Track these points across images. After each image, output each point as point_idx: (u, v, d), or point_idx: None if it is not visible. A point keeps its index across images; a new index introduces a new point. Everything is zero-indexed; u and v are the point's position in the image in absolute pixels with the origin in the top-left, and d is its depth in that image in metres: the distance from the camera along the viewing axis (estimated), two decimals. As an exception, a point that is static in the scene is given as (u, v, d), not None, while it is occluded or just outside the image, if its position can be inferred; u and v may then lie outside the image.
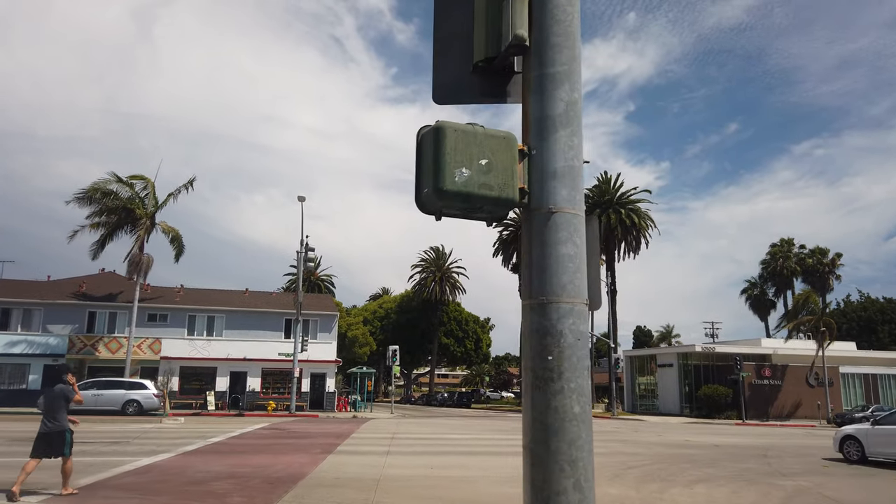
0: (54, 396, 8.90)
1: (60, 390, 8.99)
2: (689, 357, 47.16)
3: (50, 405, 8.86)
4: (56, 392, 8.93)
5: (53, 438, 8.83)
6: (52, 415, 8.83)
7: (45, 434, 8.84)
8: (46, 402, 8.93)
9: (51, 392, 8.98)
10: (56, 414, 8.84)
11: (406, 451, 15.69)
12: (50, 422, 8.83)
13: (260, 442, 17.09)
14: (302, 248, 34.53)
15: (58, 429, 8.84)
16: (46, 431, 8.84)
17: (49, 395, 8.95)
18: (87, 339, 36.62)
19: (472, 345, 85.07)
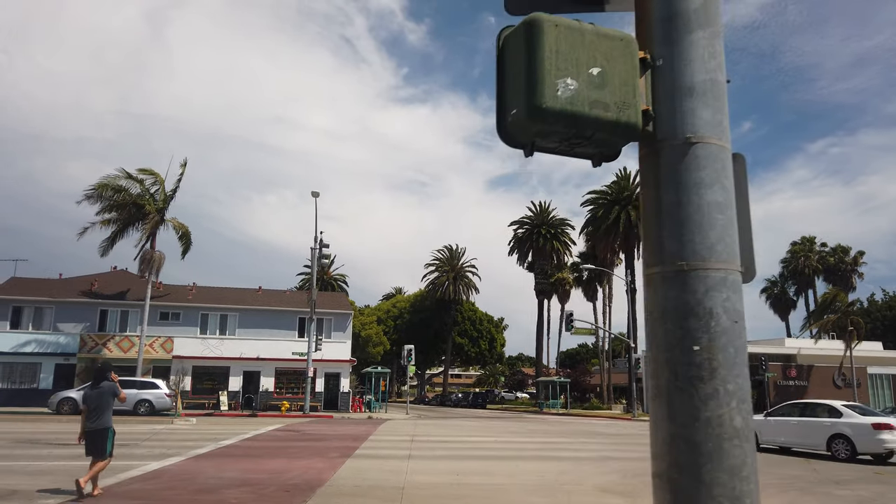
0: (103, 394, 8.90)
1: (110, 388, 9.01)
2: (711, 357, 45.93)
3: (98, 403, 8.83)
4: (105, 390, 8.94)
5: (97, 436, 8.79)
6: (99, 412, 8.81)
7: (92, 432, 8.80)
8: (94, 401, 8.86)
9: (99, 390, 8.93)
10: (105, 412, 8.86)
11: (428, 455, 14.86)
12: (96, 420, 8.79)
13: (274, 445, 16.33)
14: (316, 245, 33.80)
15: (103, 426, 8.82)
16: (93, 429, 8.79)
17: (97, 394, 8.89)
18: (99, 337, 36.14)
19: (486, 345, 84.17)
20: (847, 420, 17.42)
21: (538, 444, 18.46)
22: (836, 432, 17.29)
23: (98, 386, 9.01)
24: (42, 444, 14.91)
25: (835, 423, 17.59)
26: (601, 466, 13.49)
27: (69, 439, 15.87)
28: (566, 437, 21.61)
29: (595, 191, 52.76)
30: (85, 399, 9.01)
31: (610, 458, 15.06)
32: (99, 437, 8.80)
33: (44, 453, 13.02)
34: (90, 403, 8.88)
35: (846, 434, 17.03)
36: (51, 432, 18.20)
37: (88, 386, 9.20)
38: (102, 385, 9.01)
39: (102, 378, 9.13)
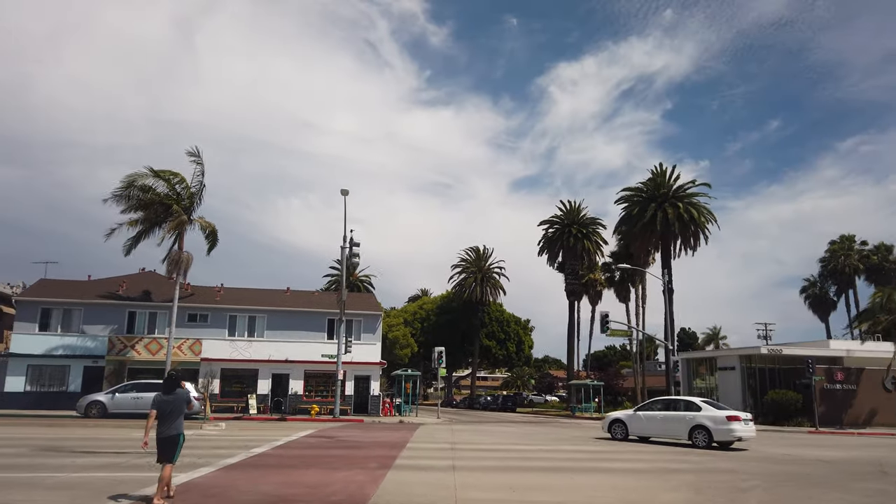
0: (177, 401, 9.01)
1: (183, 395, 9.15)
2: (752, 360, 44.19)
3: (172, 410, 8.92)
4: (179, 397, 9.06)
5: (170, 442, 8.90)
6: (173, 419, 8.92)
7: (164, 438, 8.88)
8: (167, 407, 8.91)
9: (173, 397, 9.00)
10: (178, 418, 8.98)
11: (474, 466, 13.77)
12: (170, 426, 8.89)
13: (309, 453, 15.36)
14: (346, 243, 32.89)
15: (175, 432, 8.93)
16: (165, 436, 8.87)
17: (171, 400, 8.96)
18: (127, 339, 35.66)
19: (513, 347, 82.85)
20: (706, 413, 20.42)
21: (587, 454, 17.25)
22: (696, 424, 20.35)
23: (171, 393, 9.07)
24: (65, 451, 14.12)
25: (695, 416, 20.48)
26: (665, 480, 12.28)
27: (94, 447, 15.13)
28: (608, 445, 20.35)
29: (630, 188, 51.24)
30: (158, 405, 8.94)
31: (670, 471, 13.83)
32: (172, 442, 8.90)
33: (66, 463, 12.19)
34: (164, 410, 8.90)
35: (706, 425, 20.12)
36: (76, 438, 17.48)
37: (161, 393, 9.15)
38: (176, 392, 9.11)
39: (175, 385, 9.21)
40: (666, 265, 46.82)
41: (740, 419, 19.96)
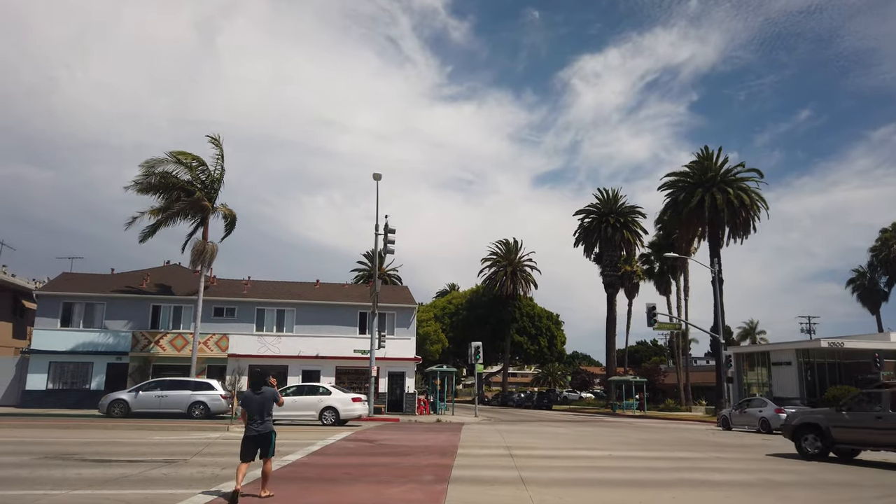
0: (265, 400, 9.01)
1: (271, 393, 9.13)
2: (810, 354, 41.37)
3: (261, 408, 8.94)
4: (268, 395, 9.04)
5: (263, 440, 8.92)
6: (263, 417, 8.93)
7: (256, 437, 8.88)
8: (256, 406, 8.93)
9: (261, 395, 8.99)
10: (267, 416, 9.00)
11: (546, 478, 11.65)
12: (260, 424, 8.90)
13: (350, 461, 13.37)
14: (381, 230, 30.88)
15: (267, 430, 8.96)
16: (256, 434, 8.88)
17: (260, 399, 8.96)
18: (151, 335, 34.18)
19: (545, 342, 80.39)
20: (335, 396, 25.02)
21: (665, 461, 15.00)
22: (327, 405, 24.58)
23: (259, 391, 9.04)
24: (74, 459, 12.31)
25: (325, 398, 24.86)
26: (779, 496, 10.06)
27: (108, 453, 13.31)
28: (683, 450, 18.09)
29: (674, 173, 48.55)
30: (246, 404, 8.99)
31: (777, 484, 11.58)
32: (265, 440, 8.93)
33: (69, 476, 10.33)
34: (253, 408, 8.93)
35: (334, 406, 24.69)
36: (90, 442, 15.72)
37: (249, 391, 9.16)
38: (264, 390, 9.07)
39: (262, 383, 9.16)
40: (715, 254, 44.08)
41: (362, 399, 25.47)
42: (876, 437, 15.28)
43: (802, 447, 16.58)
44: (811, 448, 16.42)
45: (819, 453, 16.26)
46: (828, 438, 16.10)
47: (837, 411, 16.44)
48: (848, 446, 16.28)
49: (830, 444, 16.21)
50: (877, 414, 15.27)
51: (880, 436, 15.15)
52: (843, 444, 16.12)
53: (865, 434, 15.54)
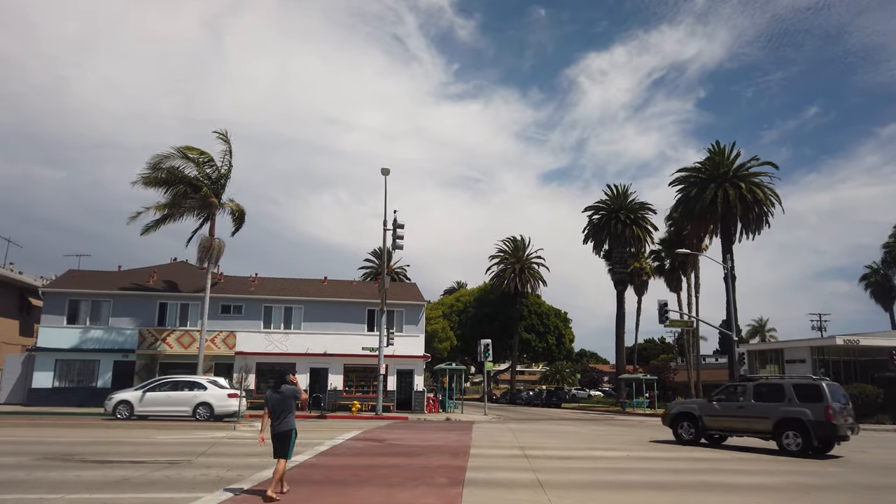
0: (286, 397, 9.03)
1: (292, 391, 9.14)
2: (825, 351, 40.73)
3: (283, 406, 8.97)
4: (288, 393, 9.07)
5: (284, 437, 8.93)
6: (285, 415, 8.96)
7: (277, 435, 8.93)
8: (278, 404, 8.98)
9: (281, 394, 9.03)
10: (289, 414, 9.00)
11: (564, 481, 11.18)
12: (282, 422, 8.93)
13: (359, 462, 12.93)
14: (389, 225, 30.41)
15: (287, 428, 8.95)
16: (278, 432, 8.92)
17: (280, 397, 9.01)
18: (158, 332, 33.83)
19: (553, 340, 79.79)
20: (210, 392, 24.22)
21: (684, 462, 14.50)
22: (201, 400, 23.96)
23: (280, 390, 9.09)
24: (75, 460, 11.92)
25: (200, 394, 24.11)
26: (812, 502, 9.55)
27: (110, 454, 12.92)
28: (704, 451, 17.55)
29: (685, 168, 47.76)
30: (268, 402, 9.06)
31: (806, 487, 11.08)
32: (285, 438, 8.92)
33: (68, 478, 9.94)
34: (275, 407, 8.98)
35: (209, 402, 23.92)
36: (93, 442, 15.36)
37: (271, 389, 9.23)
38: (284, 388, 9.10)
39: (283, 381, 9.22)
40: (727, 250, 43.35)
41: (238, 395, 24.21)
42: (740, 424, 17.78)
43: (678, 433, 18.92)
44: (686, 434, 18.77)
45: (692, 439, 18.62)
46: (700, 426, 18.45)
47: (709, 402, 18.77)
48: (717, 433, 18.55)
49: (702, 431, 18.56)
50: (740, 404, 17.81)
51: (743, 423, 17.70)
52: (712, 430, 18.44)
53: (732, 422, 17.95)
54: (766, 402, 17.36)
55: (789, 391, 17.09)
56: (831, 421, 16.12)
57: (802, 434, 16.44)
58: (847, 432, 16.68)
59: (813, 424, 16.23)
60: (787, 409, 16.76)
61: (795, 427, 16.55)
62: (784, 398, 17.06)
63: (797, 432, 16.51)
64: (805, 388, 16.97)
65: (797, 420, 16.52)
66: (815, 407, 16.35)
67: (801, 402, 16.73)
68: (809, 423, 16.27)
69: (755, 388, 17.78)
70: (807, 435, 16.37)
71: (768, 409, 17.15)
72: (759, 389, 17.75)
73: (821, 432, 16.28)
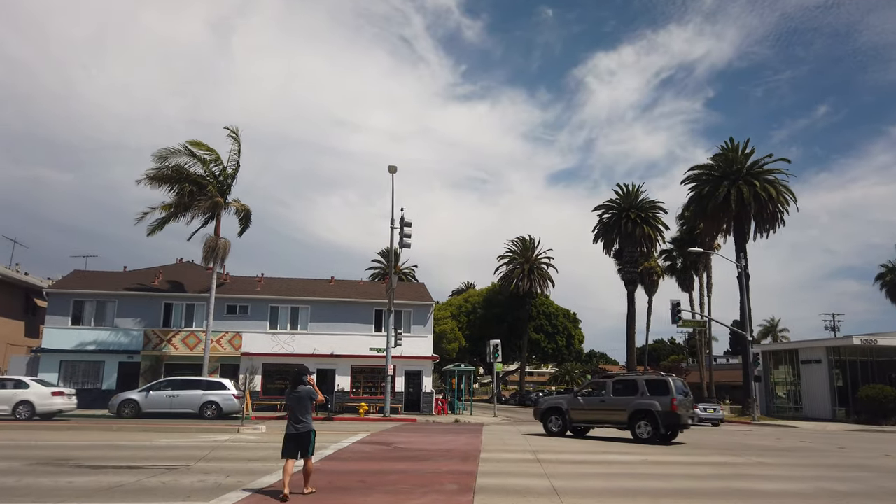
0: (302, 398, 9.09)
1: (307, 392, 9.19)
2: (841, 352, 39.87)
3: (298, 407, 9.04)
4: (303, 394, 9.12)
5: (303, 439, 8.99)
6: (301, 416, 9.02)
7: (296, 435, 8.96)
8: (294, 404, 9.07)
9: (297, 394, 9.11)
10: (305, 415, 9.05)
11: (580, 487, 10.60)
12: (299, 423, 8.99)
13: (366, 468, 12.38)
14: (397, 223, 29.89)
15: (306, 429, 9.02)
16: (296, 433, 8.96)
17: (296, 398, 9.09)
18: (163, 333, 33.47)
19: (563, 341, 79.09)
20: (32, 390, 23.49)
21: (706, 467, 13.87)
22: (21, 399, 23.13)
23: (296, 390, 9.14)
24: (69, 466, 11.44)
25: (20, 392, 23.32)
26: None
27: (107, 458, 12.41)
28: (721, 454, 16.91)
29: (698, 165, 47.03)
30: (287, 403, 9.18)
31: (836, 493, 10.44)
32: (306, 438, 8.99)
33: (61, 484, 9.45)
34: (291, 407, 9.08)
35: (30, 400, 23.20)
36: (92, 445, 14.89)
37: (288, 390, 9.30)
38: (300, 389, 9.15)
39: (300, 382, 9.23)
40: (741, 249, 42.63)
41: (65, 394, 24.22)
42: (601, 416, 20.08)
43: (548, 427, 20.82)
44: (554, 427, 20.70)
45: (560, 431, 20.60)
46: (567, 419, 20.48)
47: (575, 397, 20.96)
48: (581, 425, 20.78)
49: (569, 424, 20.57)
50: (601, 398, 20.07)
51: (604, 416, 20.02)
52: (577, 423, 20.59)
53: (594, 414, 20.17)
54: (622, 396, 19.79)
55: (642, 386, 19.52)
56: (676, 411, 18.69)
57: (652, 423, 18.92)
58: (688, 421, 19.45)
59: (661, 414, 18.78)
60: (640, 402, 19.26)
61: (646, 417, 19.03)
62: (637, 392, 19.52)
63: (648, 421, 18.98)
64: (654, 383, 19.42)
65: (648, 411, 19.03)
66: (663, 399, 18.89)
67: (651, 395, 19.24)
68: (658, 414, 18.79)
69: (613, 384, 20.18)
70: (656, 424, 18.85)
71: (624, 402, 19.58)
72: (617, 385, 20.14)
73: (667, 421, 18.81)
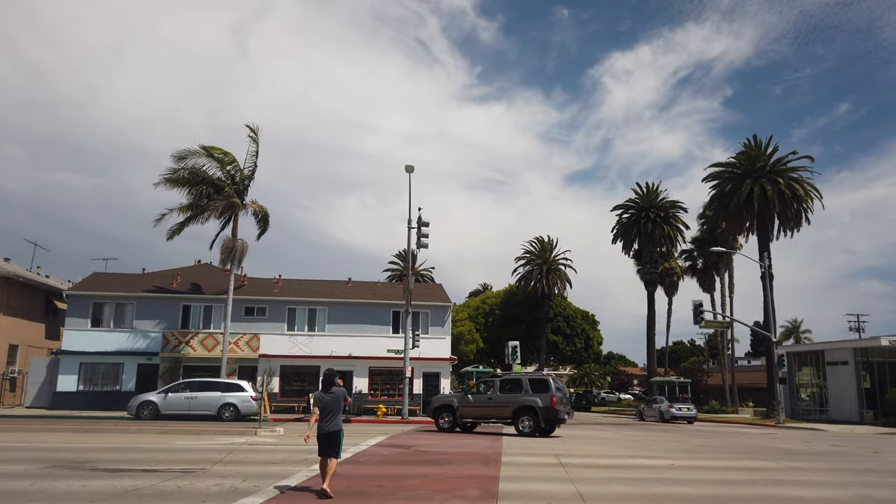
0: (336, 399, 9.44)
1: (341, 393, 9.58)
2: (869, 353, 38.93)
3: (332, 407, 9.35)
4: (339, 394, 9.50)
5: (332, 438, 9.26)
6: (333, 415, 9.34)
7: (327, 435, 9.25)
8: (328, 405, 9.34)
9: (332, 395, 9.43)
10: (336, 415, 9.39)
11: (606, 494, 10.21)
12: (330, 423, 9.28)
13: (385, 472, 12.09)
14: (414, 224, 29.63)
15: (336, 429, 9.32)
16: (327, 432, 9.25)
17: (331, 398, 9.41)
18: (182, 335, 33.50)
19: (581, 343, 78.26)
20: None
21: (736, 472, 13.38)
22: None
23: (330, 391, 9.48)
24: (84, 468, 11.27)
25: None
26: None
27: (123, 461, 12.23)
28: (750, 458, 16.38)
29: (720, 163, 46.29)
30: (319, 403, 9.47)
31: (882, 501, 9.94)
32: (335, 438, 9.28)
33: (74, 488, 9.26)
34: (325, 407, 9.34)
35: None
36: (108, 448, 14.76)
37: (321, 391, 9.62)
38: (334, 390, 9.51)
39: (332, 383, 9.58)
40: (764, 248, 41.82)
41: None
42: (489, 412, 21.77)
43: (439, 423, 22.08)
44: (444, 423, 22.00)
45: (450, 427, 21.90)
46: (457, 416, 21.85)
47: (465, 395, 22.65)
48: (470, 420, 22.28)
49: (458, 420, 21.97)
50: (489, 396, 21.75)
51: (491, 412, 21.72)
52: (466, 419, 22.08)
53: (483, 411, 21.73)
54: (508, 394, 21.54)
55: (525, 384, 21.34)
56: (555, 407, 20.68)
57: (533, 418, 20.75)
58: (565, 416, 21.47)
59: (541, 410, 20.66)
60: (524, 399, 21.07)
61: (529, 412, 20.85)
62: (522, 390, 21.32)
63: (529, 416, 20.80)
64: (537, 382, 21.37)
65: (530, 407, 20.85)
66: (544, 396, 20.81)
67: (533, 392, 21.11)
68: (539, 409, 20.67)
69: (501, 383, 21.92)
70: (536, 418, 20.71)
71: (510, 399, 21.32)
72: (504, 384, 21.87)
73: (547, 416, 20.72)
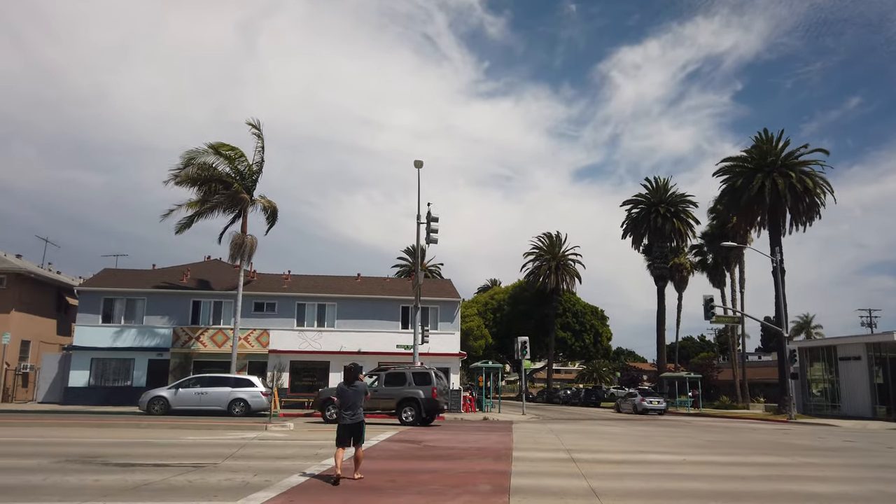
0: (358, 392, 10.10)
1: (363, 387, 10.24)
2: (882, 348, 38.53)
3: (353, 401, 10.00)
4: (361, 388, 10.16)
5: (355, 429, 9.95)
6: (355, 409, 10.00)
7: (350, 426, 9.93)
8: (348, 398, 10.00)
9: (354, 388, 10.08)
10: (358, 408, 10.05)
11: (620, 489, 10.13)
12: (353, 415, 9.97)
13: (396, 467, 12.06)
14: (423, 219, 29.56)
15: (358, 420, 10.00)
16: (350, 423, 9.93)
17: (353, 392, 10.06)
18: (192, 330, 33.62)
19: (590, 338, 78.19)
20: None
21: (749, 468, 13.26)
22: None
23: (353, 385, 10.12)
24: (96, 463, 11.29)
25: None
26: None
27: (134, 455, 12.24)
28: (763, 453, 16.24)
29: (731, 157, 45.89)
30: (341, 396, 10.09)
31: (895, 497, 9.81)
32: (358, 429, 9.98)
33: (86, 483, 9.27)
34: (347, 400, 10.00)
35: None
36: (120, 443, 14.80)
37: (343, 384, 10.18)
38: (357, 384, 10.16)
39: (355, 378, 10.23)
40: (776, 242, 41.44)
41: None
42: (374, 404, 22.07)
43: (325, 415, 23.05)
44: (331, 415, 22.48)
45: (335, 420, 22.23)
46: None
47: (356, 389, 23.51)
48: None
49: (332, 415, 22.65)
50: (375, 388, 22.34)
51: (377, 403, 22.33)
52: None
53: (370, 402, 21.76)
54: (393, 387, 22.86)
55: (409, 377, 22.91)
56: (436, 399, 22.50)
57: (416, 409, 22.28)
58: (444, 406, 23.83)
59: (423, 401, 22.34)
60: (407, 391, 22.58)
61: (412, 404, 22.39)
62: (406, 382, 22.84)
63: (412, 407, 22.33)
64: (420, 375, 22.99)
65: (413, 398, 22.43)
66: (426, 389, 22.51)
67: (417, 385, 22.67)
68: (421, 401, 22.33)
69: (386, 376, 23.27)
70: (419, 409, 22.27)
71: (394, 391, 22.67)
72: (389, 377, 23.26)
73: (428, 406, 22.39)
